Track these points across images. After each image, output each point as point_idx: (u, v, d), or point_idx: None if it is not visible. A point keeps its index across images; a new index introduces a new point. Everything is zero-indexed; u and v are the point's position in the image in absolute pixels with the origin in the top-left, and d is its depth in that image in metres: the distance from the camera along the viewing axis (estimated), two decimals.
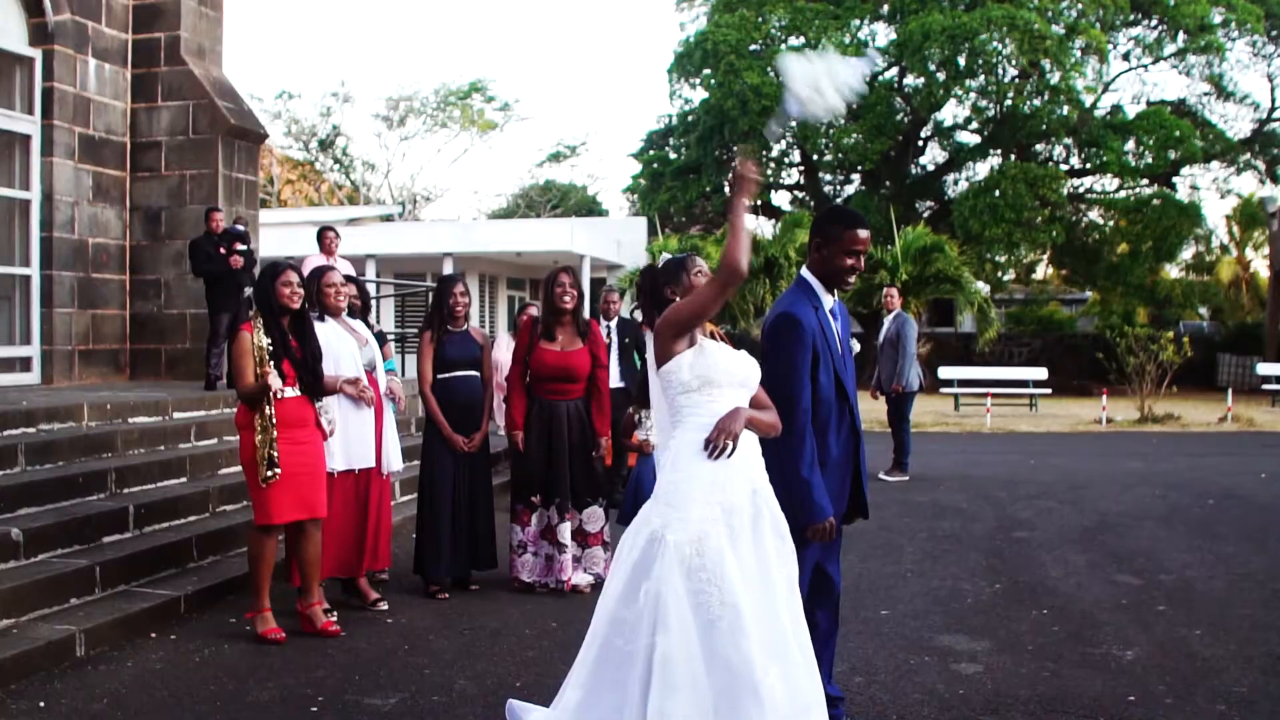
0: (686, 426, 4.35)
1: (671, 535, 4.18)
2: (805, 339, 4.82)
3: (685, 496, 4.23)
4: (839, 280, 4.97)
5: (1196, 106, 38.93)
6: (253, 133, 14.25)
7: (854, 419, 5.03)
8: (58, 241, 12.72)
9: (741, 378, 4.40)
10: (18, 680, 5.88)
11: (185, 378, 13.41)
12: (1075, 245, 37.71)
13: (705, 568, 4.09)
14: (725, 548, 4.11)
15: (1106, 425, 23.28)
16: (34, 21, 12.57)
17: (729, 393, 4.34)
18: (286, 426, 6.73)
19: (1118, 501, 12.39)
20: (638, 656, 4.14)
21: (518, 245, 30.50)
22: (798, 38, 37.77)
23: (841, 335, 5.04)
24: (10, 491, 7.60)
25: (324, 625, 6.96)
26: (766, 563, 4.18)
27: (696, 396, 4.34)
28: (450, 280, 8.46)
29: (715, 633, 4.03)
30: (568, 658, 6.38)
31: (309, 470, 6.87)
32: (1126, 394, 25.68)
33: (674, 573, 4.12)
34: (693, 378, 4.34)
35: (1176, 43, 37.57)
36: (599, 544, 8.26)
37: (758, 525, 4.22)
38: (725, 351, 4.43)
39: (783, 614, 4.15)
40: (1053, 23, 35.01)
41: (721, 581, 4.06)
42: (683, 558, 4.13)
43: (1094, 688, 5.99)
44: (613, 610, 4.29)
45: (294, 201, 51.08)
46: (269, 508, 6.77)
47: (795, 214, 30.36)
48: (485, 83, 51.66)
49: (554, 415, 8.16)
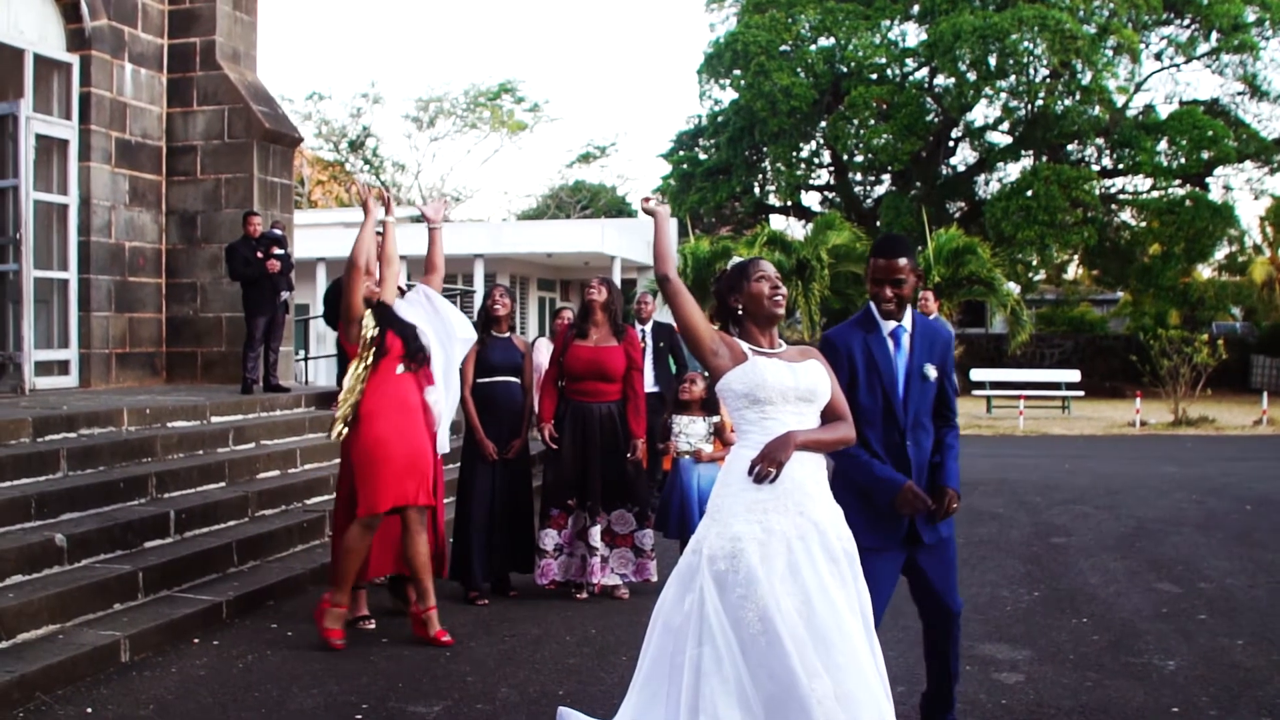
0: (742, 443, 4.35)
1: (708, 549, 4.20)
2: (836, 358, 4.88)
3: (728, 513, 4.24)
4: (879, 306, 5.03)
5: (1230, 106, 38.59)
6: (287, 137, 14.32)
7: (904, 446, 4.97)
8: (95, 245, 12.82)
9: (803, 392, 4.33)
10: (64, 685, 5.91)
11: (221, 381, 13.49)
12: (1107, 246, 37.47)
13: (740, 584, 4.08)
14: (758, 565, 4.07)
15: (1140, 428, 23.18)
16: (71, 27, 12.66)
17: (785, 410, 4.30)
18: (391, 410, 6.69)
19: (1154, 507, 12.33)
20: (683, 667, 4.15)
21: (548, 246, 30.49)
22: (828, 38, 37.70)
23: (912, 361, 5.02)
24: (53, 497, 7.65)
25: (438, 634, 6.86)
26: (820, 584, 4.10)
27: (749, 414, 4.33)
28: (493, 285, 8.57)
29: (755, 647, 4.01)
30: (609, 665, 6.44)
31: (414, 456, 6.77)
32: (1160, 396, 25.56)
33: (711, 586, 4.14)
34: (741, 395, 4.33)
35: (1209, 42, 37.28)
36: (628, 545, 8.24)
37: (806, 546, 4.15)
38: (778, 367, 4.34)
39: (834, 633, 4.06)
40: (1084, 22, 34.81)
41: (756, 598, 4.04)
42: (718, 572, 4.14)
43: (1137, 698, 5.96)
44: (665, 618, 4.31)
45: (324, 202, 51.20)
46: (375, 496, 6.65)
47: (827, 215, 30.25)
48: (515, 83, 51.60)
49: (586, 417, 8.18)
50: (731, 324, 4.52)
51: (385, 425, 6.68)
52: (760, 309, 4.45)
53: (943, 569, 5.11)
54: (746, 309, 4.48)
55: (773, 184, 40.83)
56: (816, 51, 37.69)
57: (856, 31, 36.90)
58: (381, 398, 6.73)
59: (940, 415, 5.12)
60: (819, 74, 37.05)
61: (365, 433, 6.68)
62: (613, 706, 5.12)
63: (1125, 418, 24.43)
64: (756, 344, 4.43)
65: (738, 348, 4.38)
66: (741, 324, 4.49)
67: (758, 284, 4.47)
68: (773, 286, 4.46)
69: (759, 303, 4.45)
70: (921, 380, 5.01)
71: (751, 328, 4.47)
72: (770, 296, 4.44)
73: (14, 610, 6.24)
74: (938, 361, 5.06)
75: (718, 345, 4.36)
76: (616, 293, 8.38)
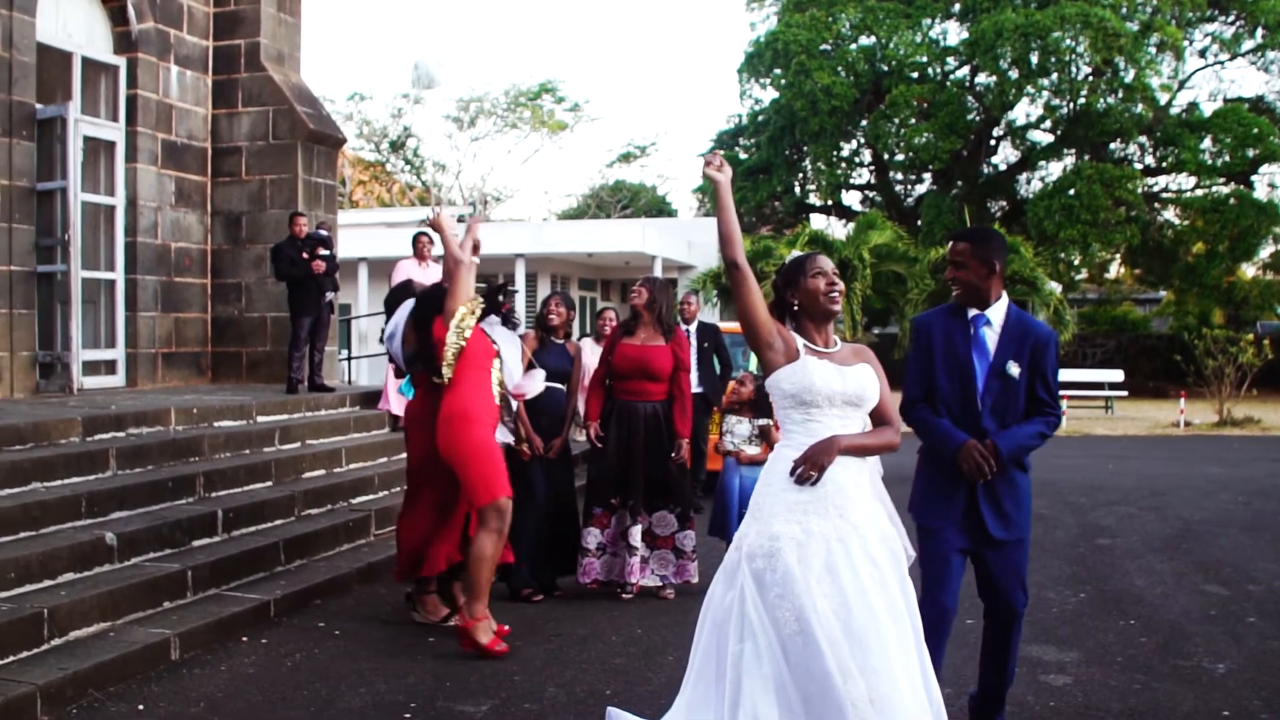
0: (785, 443, 4.35)
1: (747, 546, 4.22)
2: (918, 340, 5.12)
3: (768, 512, 4.24)
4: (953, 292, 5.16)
5: (1275, 103, 38.21)
6: (331, 137, 14.40)
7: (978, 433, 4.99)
8: (141, 246, 12.93)
9: (850, 396, 4.32)
10: (116, 683, 5.97)
11: (265, 380, 13.58)
12: (1150, 245, 37.19)
13: (778, 583, 4.08)
14: (795, 565, 4.07)
15: (1184, 429, 23.01)
16: (118, 30, 12.78)
17: (831, 413, 4.30)
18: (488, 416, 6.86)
19: (1200, 508, 12.25)
20: (726, 663, 4.16)
21: (589, 246, 30.52)
22: (869, 37, 37.57)
23: (996, 356, 5.03)
24: (103, 496, 7.73)
25: (498, 631, 6.83)
26: (858, 586, 4.08)
27: (795, 414, 4.34)
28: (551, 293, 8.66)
29: (793, 645, 4.01)
30: (655, 665, 6.45)
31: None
32: (1204, 396, 25.33)
33: (750, 583, 4.14)
34: (788, 395, 4.33)
35: (1255, 39, 36.93)
36: (668, 547, 8.22)
37: (846, 549, 4.13)
38: (828, 370, 4.32)
39: (870, 636, 4.03)
40: (1127, 20, 34.55)
41: (792, 598, 4.04)
42: (756, 570, 4.14)
43: (1186, 701, 5.92)
44: (713, 615, 4.32)
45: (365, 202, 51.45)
46: (498, 482, 6.72)
47: (869, 215, 30.10)
48: (555, 83, 51.69)
49: (631, 416, 8.19)
50: (788, 318, 4.51)
51: (487, 430, 6.84)
52: (816, 305, 4.43)
53: (1009, 565, 5.10)
54: (802, 305, 4.46)
55: (813, 183, 40.74)
56: (857, 50, 37.56)
57: (897, 30, 36.75)
58: (479, 404, 6.84)
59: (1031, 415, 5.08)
60: (860, 73, 36.92)
61: (475, 432, 6.75)
62: (660, 707, 5.14)
63: (1169, 418, 24.27)
64: (811, 341, 4.42)
65: (793, 343, 4.37)
66: (797, 319, 4.48)
67: (814, 280, 4.44)
68: (829, 283, 4.43)
69: (814, 299, 4.43)
70: (1003, 377, 5.00)
71: (807, 324, 4.46)
72: (826, 293, 4.42)
73: (66, 608, 6.31)
74: (1026, 361, 5.01)
75: (774, 338, 4.35)
76: (660, 291, 8.36)
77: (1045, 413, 5.06)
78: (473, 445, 6.72)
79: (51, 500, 7.37)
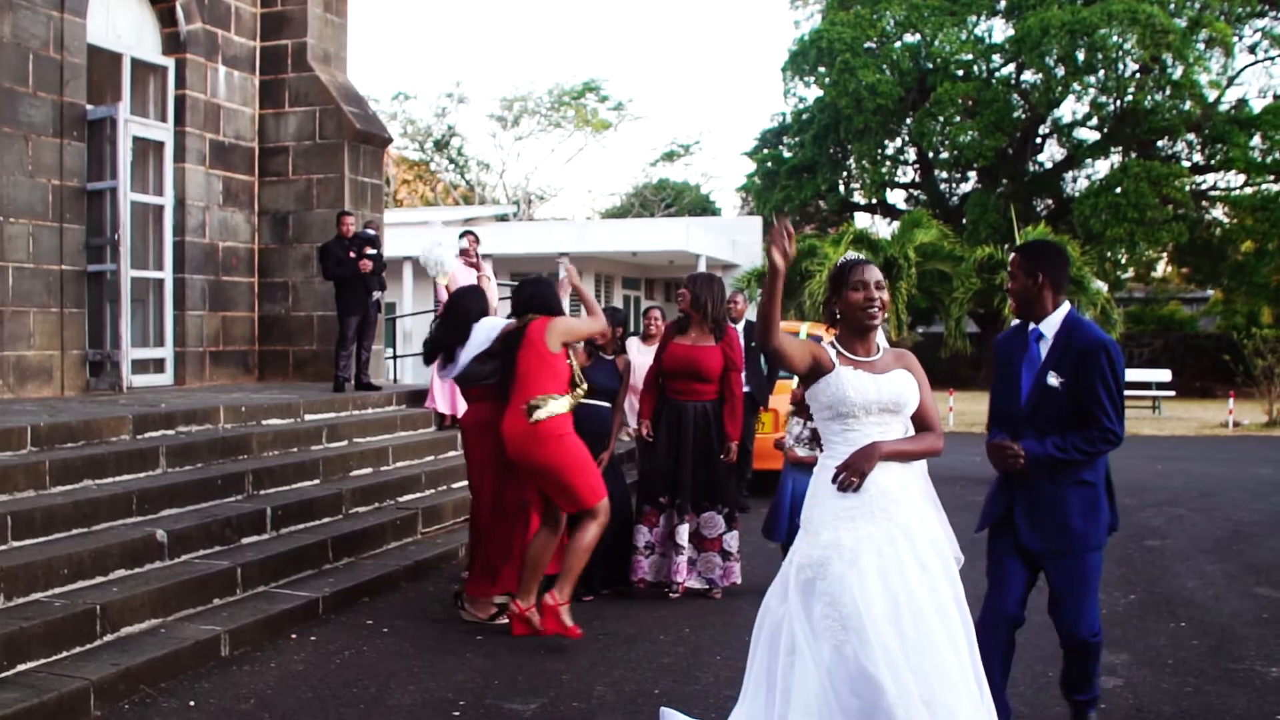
0: (828, 453, 4.38)
1: (798, 558, 4.25)
2: (994, 360, 5.17)
3: (817, 523, 4.26)
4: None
5: None
6: (377, 137, 14.45)
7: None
8: (189, 245, 13.02)
9: (886, 403, 4.30)
10: (167, 679, 6.02)
11: (312, 379, 13.66)
12: (1198, 243, 36.89)
13: (828, 591, 4.09)
14: (845, 573, 4.08)
15: (1233, 429, 22.80)
16: (167, 31, 12.88)
17: (868, 421, 4.29)
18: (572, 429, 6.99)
19: (1250, 510, 12.13)
20: (777, 672, 4.17)
21: (633, 245, 30.51)
22: (913, 34, 37.44)
23: (1042, 362, 4.94)
24: (153, 493, 7.79)
25: (573, 628, 6.88)
26: (908, 590, 4.08)
27: (834, 425, 4.35)
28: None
29: (842, 654, 4.01)
30: (703, 664, 6.45)
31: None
32: (1253, 397, 25.07)
33: (797, 595, 4.17)
34: (825, 407, 4.34)
35: None
36: (715, 550, 8.17)
37: (895, 552, 4.13)
38: (862, 379, 4.30)
39: (922, 640, 4.04)
40: (1175, 16, 34.31)
41: (842, 606, 4.04)
42: (805, 581, 4.17)
43: (1239, 705, 5.86)
44: (768, 628, 4.33)
45: (409, 201, 51.69)
46: (597, 487, 6.93)
47: (915, 213, 29.96)
48: (599, 82, 51.83)
49: (681, 415, 8.18)
50: (833, 324, 4.49)
51: (578, 439, 6.99)
52: (854, 318, 4.39)
53: (1068, 583, 4.96)
54: (842, 314, 4.43)
55: (857, 181, 40.69)
56: (902, 48, 37.48)
57: (942, 27, 36.63)
58: (567, 418, 6.95)
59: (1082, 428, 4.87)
60: (904, 71, 36.83)
61: (570, 443, 6.89)
62: (709, 706, 5.14)
63: (1217, 418, 24.06)
64: (852, 349, 4.39)
65: (825, 357, 4.34)
66: (840, 326, 4.47)
67: (854, 293, 4.38)
68: (867, 298, 4.35)
69: (852, 311, 4.38)
70: (1045, 388, 4.87)
71: (846, 332, 4.44)
72: (864, 308, 4.36)
73: (118, 604, 6.36)
74: (1070, 371, 4.83)
75: (807, 361, 4.33)
76: (702, 287, 8.28)
77: (1090, 425, 4.83)
78: (573, 457, 6.88)
79: (103, 498, 7.42)
